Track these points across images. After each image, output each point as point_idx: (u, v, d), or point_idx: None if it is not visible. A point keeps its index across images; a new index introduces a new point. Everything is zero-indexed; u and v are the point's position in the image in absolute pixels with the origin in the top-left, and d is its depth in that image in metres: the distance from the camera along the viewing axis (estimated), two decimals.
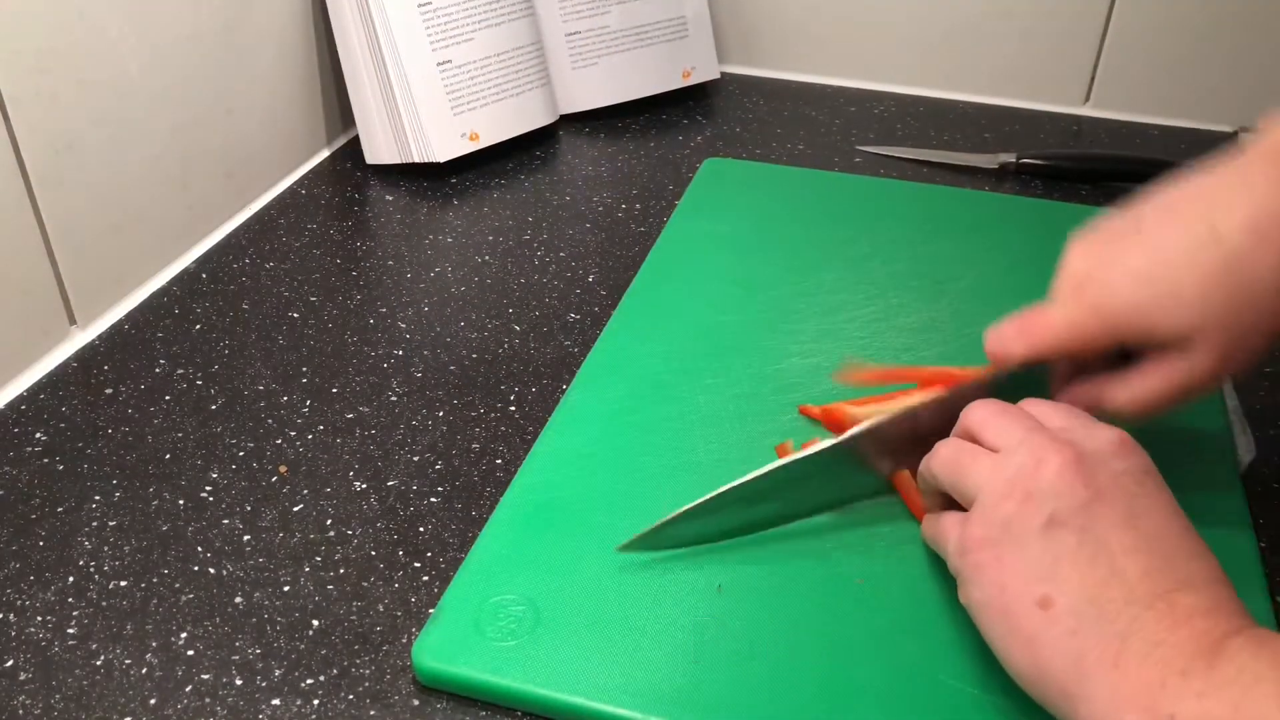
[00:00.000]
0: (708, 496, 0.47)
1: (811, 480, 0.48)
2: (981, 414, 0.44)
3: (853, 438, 0.48)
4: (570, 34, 0.88)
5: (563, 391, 0.59)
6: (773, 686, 0.42)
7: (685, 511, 0.47)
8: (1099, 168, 0.81)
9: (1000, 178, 0.81)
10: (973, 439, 0.44)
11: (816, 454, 0.48)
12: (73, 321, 0.63)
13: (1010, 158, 0.82)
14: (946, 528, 0.43)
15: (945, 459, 0.44)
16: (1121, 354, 0.46)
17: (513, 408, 0.58)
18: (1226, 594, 0.37)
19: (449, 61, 0.79)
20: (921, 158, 0.84)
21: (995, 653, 0.39)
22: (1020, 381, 0.47)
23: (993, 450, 0.42)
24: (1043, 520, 0.38)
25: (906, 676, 0.42)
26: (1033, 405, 0.44)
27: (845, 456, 0.48)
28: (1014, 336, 0.47)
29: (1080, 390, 0.47)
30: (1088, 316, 0.45)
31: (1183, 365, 0.44)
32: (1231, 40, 0.86)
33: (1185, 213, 0.45)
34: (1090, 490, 0.38)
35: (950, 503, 0.44)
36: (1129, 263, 0.45)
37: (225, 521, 0.51)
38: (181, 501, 0.52)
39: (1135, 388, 0.46)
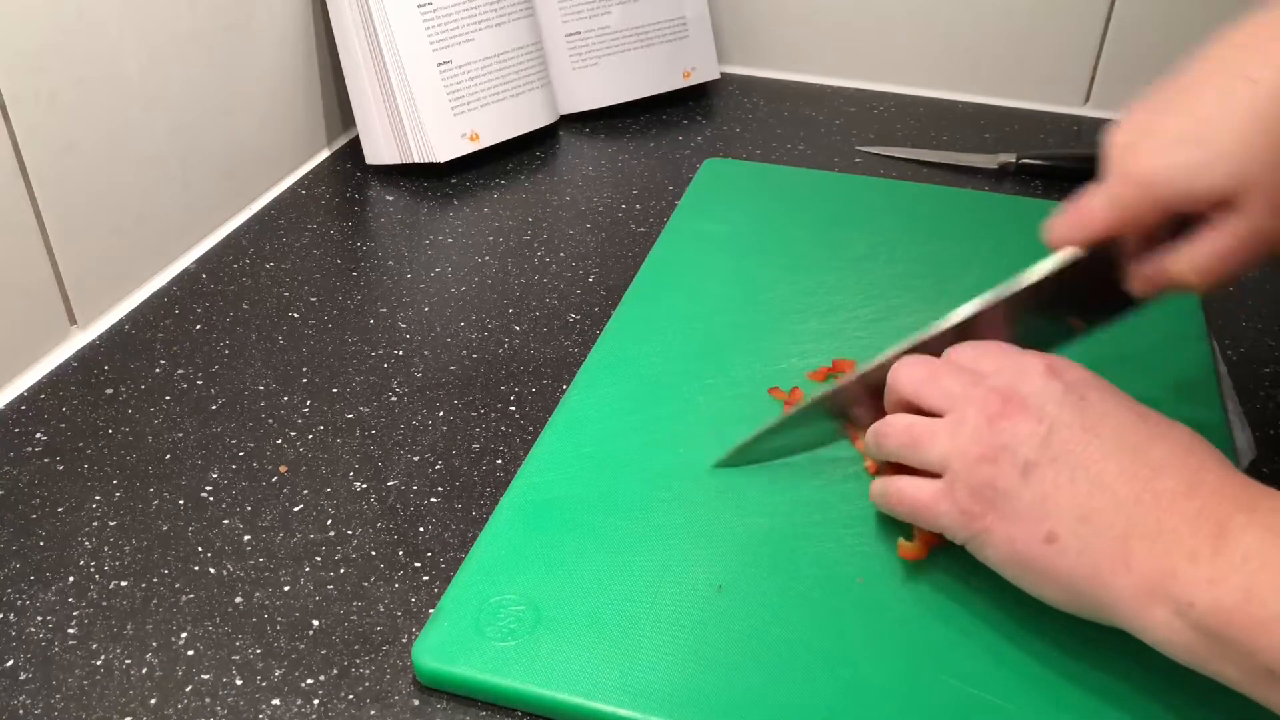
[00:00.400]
0: (783, 417, 0.52)
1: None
2: (911, 379, 0.46)
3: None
4: (570, 34, 0.88)
5: (563, 391, 0.59)
6: (773, 687, 0.42)
7: (767, 430, 0.52)
8: (1099, 168, 0.81)
9: (1000, 178, 0.82)
10: (910, 405, 0.46)
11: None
12: (73, 321, 0.63)
13: (1010, 158, 0.82)
14: (926, 502, 0.44)
15: (899, 436, 0.45)
16: (1184, 225, 0.45)
17: (513, 408, 0.58)
18: (1199, 461, 0.39)
19: (449, 62, 0.79)
20: (921, 158, 0.84)
21: (1030, 594, 0.41)
22: (1084, 270, 0.47)
23: (937, 414, 0.44)
24: (1019, 469, 0.40)
25: (907, 676, 0.42)
26: (958, 351, 0.46)
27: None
28: (1067, 226, 0.47)
29: (1144, 267, 0.46)
30: (1131, 189, 0.45)
31: (1236, 223, 0.43)
32: None
33: (1219, 68, 0.44)
34: (1044, 424, 0.41)
35: (898, 466, 0.46)
36: (1166, 126, 0.44)
37: (225, 521, 0.51)
38: (181, 501, 0.52)
39: (1194, 254, 0.44)
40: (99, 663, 0.44)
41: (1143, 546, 0.38)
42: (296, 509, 0.52)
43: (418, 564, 0.49)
